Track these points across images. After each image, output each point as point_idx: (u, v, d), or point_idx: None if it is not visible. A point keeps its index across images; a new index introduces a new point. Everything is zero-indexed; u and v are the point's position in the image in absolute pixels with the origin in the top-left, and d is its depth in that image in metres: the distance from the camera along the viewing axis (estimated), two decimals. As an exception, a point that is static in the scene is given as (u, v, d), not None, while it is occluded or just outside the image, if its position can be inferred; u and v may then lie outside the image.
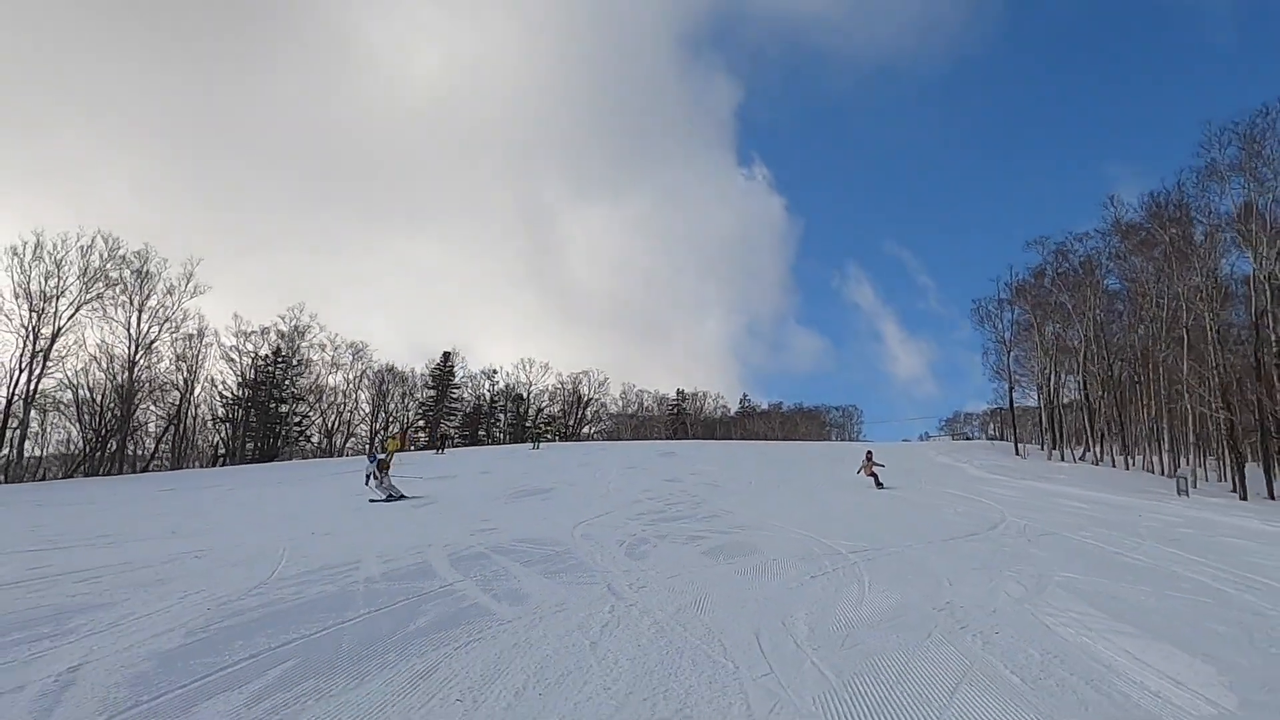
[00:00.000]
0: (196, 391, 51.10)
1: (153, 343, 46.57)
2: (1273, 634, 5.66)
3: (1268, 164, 26.71)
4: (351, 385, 61.45)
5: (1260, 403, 26.83)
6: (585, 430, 73.44)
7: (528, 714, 3.93)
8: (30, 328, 40.72)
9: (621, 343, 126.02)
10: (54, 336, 41.59)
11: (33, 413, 42.67)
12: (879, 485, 19.40)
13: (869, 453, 20.87)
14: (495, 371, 73.48)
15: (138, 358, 45.84)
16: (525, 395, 72.74)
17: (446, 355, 69.77)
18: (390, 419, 63.93)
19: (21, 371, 40.77)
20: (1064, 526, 12.24)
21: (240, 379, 54.29)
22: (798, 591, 7.05)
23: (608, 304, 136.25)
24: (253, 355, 54.82)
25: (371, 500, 16.80)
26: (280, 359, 55.89)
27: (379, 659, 4.83)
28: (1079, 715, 3.95)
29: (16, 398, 40.86)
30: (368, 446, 28.52)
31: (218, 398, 53.99)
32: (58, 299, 41.48)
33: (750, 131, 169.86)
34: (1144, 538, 11.13)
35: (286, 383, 56.39)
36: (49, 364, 41.69)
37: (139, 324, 45.63)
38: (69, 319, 41.92)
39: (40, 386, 41.70)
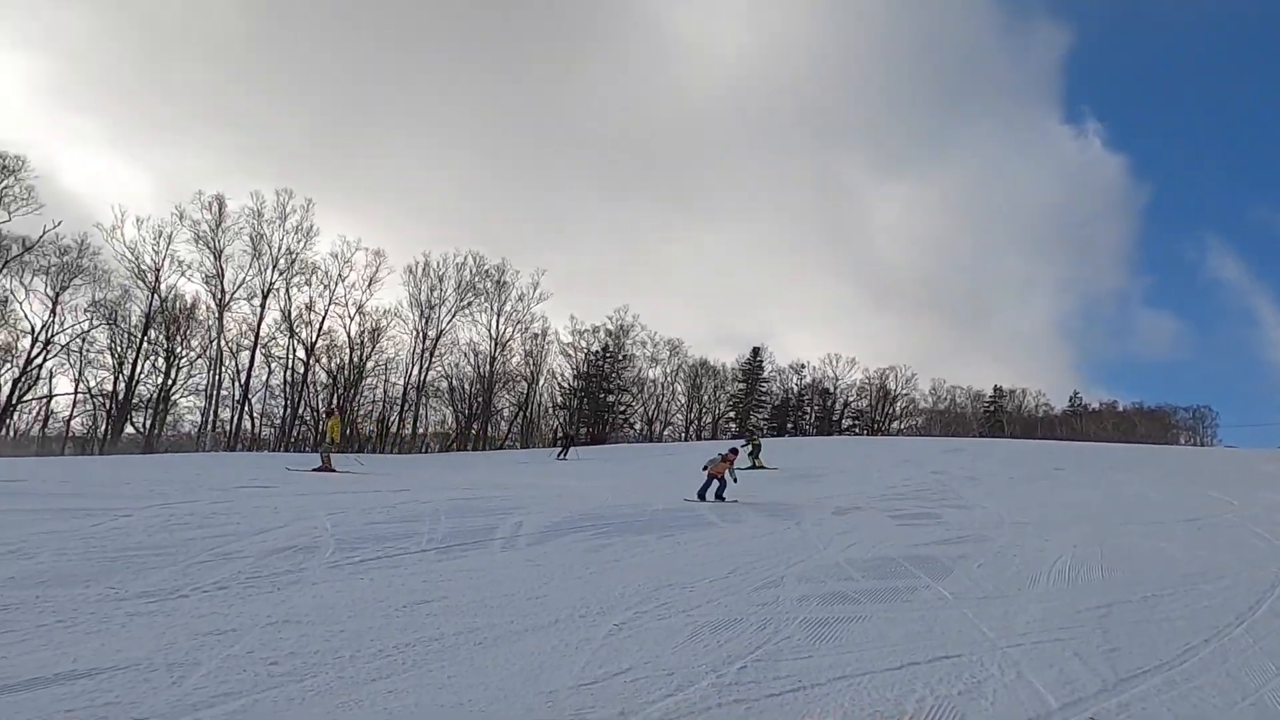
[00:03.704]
0: (540, 382, 64.70)
1: (507, 341, 60.30)
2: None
3: None
4: (669, 378, 72.00)
5: None
6: (894, 426, 75.50)
7: (710, 555, 9.17)
8: (420, 330, 56.06)
9: (932, 331, 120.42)
10: (437, 337, 56.65)
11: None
12: (708, 495, 15.73)
13: (733, 450, 16.97)
14: (803, 366, 79.00)
15: (496, 354, 59.72)
16: (832, 389, 77.24)
17: (756, 350, 77.18)
18: (703, 410, 73.32)
19: (414, 365, 56.38)
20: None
21: (575, 372, 67.40)
22: (927, 533, 11.22)
23: (916, 289, 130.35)
24: (585, 351, 67.36)
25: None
26: (608, 355, 67.77)
27: (650, 532, 10.54)
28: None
29: (410, 387, 56.57)
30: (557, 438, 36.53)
31: (557, 388, 67.52)
32: (440, 306, 56.31)
33: (1080, 83, 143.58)
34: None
35: (613, 375, 68.19)
36: (432, 359, 56.87)
37: (498, 326, 59.53)
38: (448, 323, 56.62)
39: (427, 378, 57.09)
